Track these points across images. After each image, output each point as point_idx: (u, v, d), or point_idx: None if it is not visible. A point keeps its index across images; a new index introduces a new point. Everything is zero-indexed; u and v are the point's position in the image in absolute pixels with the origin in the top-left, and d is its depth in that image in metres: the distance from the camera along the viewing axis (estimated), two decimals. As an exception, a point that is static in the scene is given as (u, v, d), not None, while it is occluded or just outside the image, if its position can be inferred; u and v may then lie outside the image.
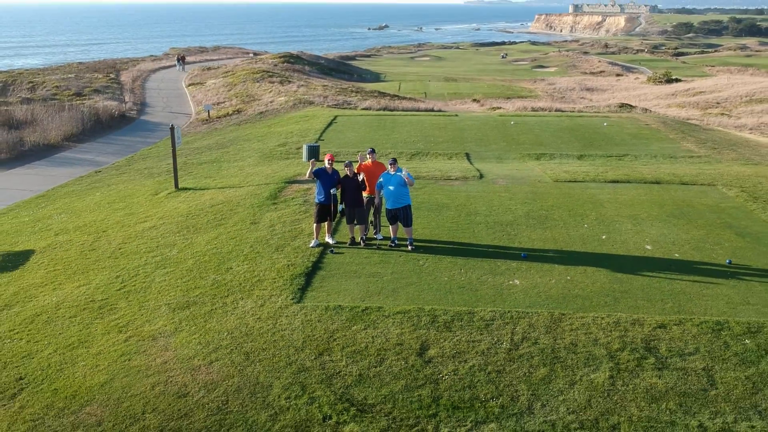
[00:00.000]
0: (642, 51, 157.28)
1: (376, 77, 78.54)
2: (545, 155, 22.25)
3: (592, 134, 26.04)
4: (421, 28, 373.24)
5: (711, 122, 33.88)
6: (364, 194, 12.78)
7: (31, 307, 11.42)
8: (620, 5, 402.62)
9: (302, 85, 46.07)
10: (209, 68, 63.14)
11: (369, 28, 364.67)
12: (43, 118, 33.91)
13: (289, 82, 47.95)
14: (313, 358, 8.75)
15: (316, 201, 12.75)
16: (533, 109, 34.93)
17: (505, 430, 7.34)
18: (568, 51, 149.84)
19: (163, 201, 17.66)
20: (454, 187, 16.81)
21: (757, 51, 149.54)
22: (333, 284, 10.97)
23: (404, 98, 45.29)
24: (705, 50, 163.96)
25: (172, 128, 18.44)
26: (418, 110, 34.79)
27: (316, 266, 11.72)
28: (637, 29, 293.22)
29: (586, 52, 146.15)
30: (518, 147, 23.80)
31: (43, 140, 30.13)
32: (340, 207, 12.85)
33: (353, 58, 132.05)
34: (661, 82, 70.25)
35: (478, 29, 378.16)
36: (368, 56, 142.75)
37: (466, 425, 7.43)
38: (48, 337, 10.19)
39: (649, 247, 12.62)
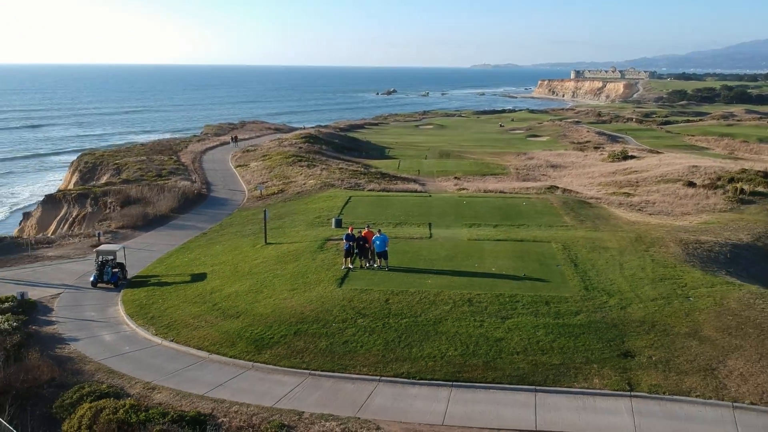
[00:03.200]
0: (631, 120, 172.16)
1: (381, 152, 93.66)
2: (475, 224, 37.69)
3: (511, 210, 41.58)
4: (427, 93, 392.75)
5: (607, 200, 49.30)
6: (366, 245, 28.24)
7: (225, 292, 26.89)
8: (620, 71, 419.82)
9: (324, 168, 62.11)
10: (247, 150, 79.68)
11: (377, 93, 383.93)
12: (150, 196, 49.84)
13: (314, 165, 64.10)
14: (346, 303, 24.14)
15: (345, 248, 28.27)
16: (485, 191, 50.70)
17: (410, 322, 22.63)
18: (561, 120, 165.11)
19: (260, 250, 33.21)
20: (414, 242, 32.35)
21: (738, 121, 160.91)
22: (353, 283, 26.36)
23: (400, 178, 60.99)
24: (691, 118, 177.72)
25: (264, 211, 34.23)
26: (406, 191, 50.60)
27: (345, 276, 27.13)
28: (634, 95, 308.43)
29: (578, 122, 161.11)
30: (462, 219, 39.25)
31: (158, 212, 45.92)
32: (355, 251, 28.32)
33: (362, 126, 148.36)
34: (618, 159, 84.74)
35: (483, 94, 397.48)
36: (376, 124, 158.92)
37: (399, 319, 22.76)
38: (239, 300, 25.65)
39: (494, 269, 27.99)
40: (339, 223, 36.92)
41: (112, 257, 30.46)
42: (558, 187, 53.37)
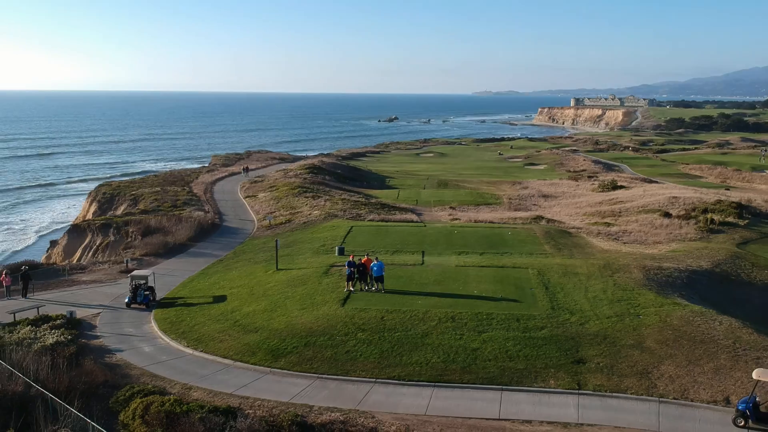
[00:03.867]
0: (628, 148, 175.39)
1: (382, 181, 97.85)
2: (463, 252, 42.13)
3: (497, 239, 46.05)
4: (429, 121, 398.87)
5: (587, 229, 53.71)
6: (365, 271, 32.69)
7: (244, 311, 31.32)
8: (620, 99, 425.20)
9: (328, 199, 66.70)
10: (255, 181, 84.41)
11: (379, 120, 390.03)
12: (168, 226, 54.34)
13: (318, 196, 68.75)
14: (348, 319, 28.57)
15: (347, 273, 32.74)
16: (475, 221, 55.23)
17: (401, 336, 27.02)
18: (559, 148, 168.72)
19: (273, 275, 37.67)
20: (407, 268, 36.81)
21: (733, 149, 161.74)
22: (354, 303, 30.79)
23: (398, 208, 65.40)
24: (687, 147, 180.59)
25: (276, 241, 38.73)
26: (403, 221, 55.14)
27: (347, 297, 31.56)
28: (633, 123, 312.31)
29: (575, 150, 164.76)
30: (452, 247, 43.71)
31: (177, 241, 50.41)
32: (356, 276, 32.77)
33: (364, 154, 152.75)
34: (608, 188, 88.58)
35: (484, 121, 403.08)
36: (377, 152, 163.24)
37: (392, 333, 27.16)
38: (257, 318, 30.09)
39: (476, 292, 32.40)
40: (342, 251, 41.40)
41: (144, 281, 34.93)
42: (543, 218, 57.84)
